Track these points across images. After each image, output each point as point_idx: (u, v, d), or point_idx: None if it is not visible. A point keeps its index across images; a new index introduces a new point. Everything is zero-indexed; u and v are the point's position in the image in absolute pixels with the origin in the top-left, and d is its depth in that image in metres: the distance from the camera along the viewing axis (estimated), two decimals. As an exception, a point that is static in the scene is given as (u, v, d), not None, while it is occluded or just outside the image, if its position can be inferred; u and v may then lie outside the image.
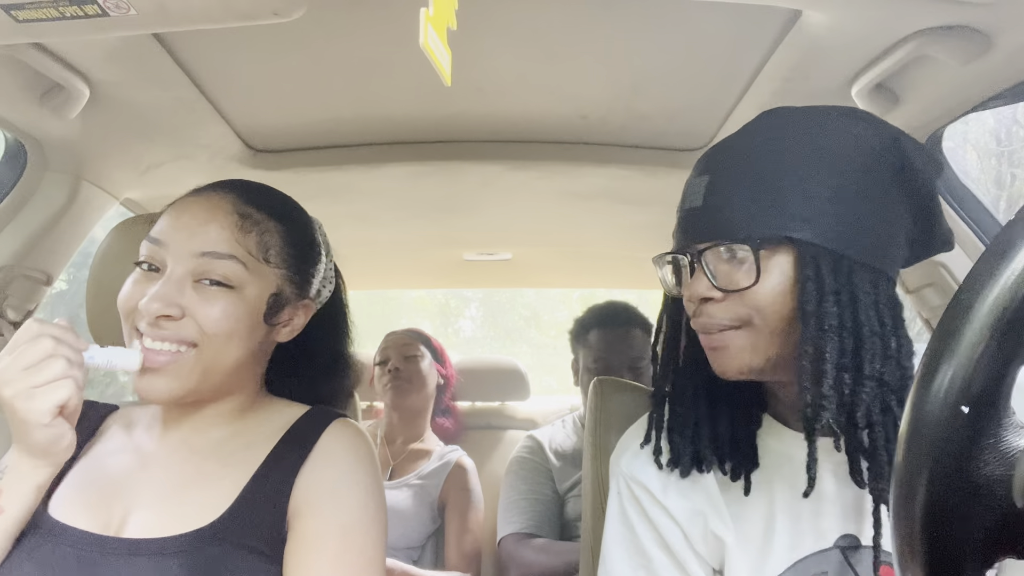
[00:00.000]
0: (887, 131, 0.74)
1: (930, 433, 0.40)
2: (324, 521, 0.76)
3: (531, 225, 1.85)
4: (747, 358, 0.74)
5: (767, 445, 0.80)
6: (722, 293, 0.73)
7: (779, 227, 0.70)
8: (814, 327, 0.69)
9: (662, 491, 0.82)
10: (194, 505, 0.76)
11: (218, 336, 0.76)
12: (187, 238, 0.77)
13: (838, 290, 0.70)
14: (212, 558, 0.72)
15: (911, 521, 0.41)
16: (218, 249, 0.77)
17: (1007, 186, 5.29)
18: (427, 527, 1.81)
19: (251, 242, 0.79)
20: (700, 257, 0.74)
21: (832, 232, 0.70)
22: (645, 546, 0.82)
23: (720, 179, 0.74)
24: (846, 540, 0.76)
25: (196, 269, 0.77)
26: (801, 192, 0.71)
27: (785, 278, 0.71)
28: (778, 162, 0.72)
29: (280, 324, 0.85)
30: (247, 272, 0.78)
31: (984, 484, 0.40)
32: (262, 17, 0.75)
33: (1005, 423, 0.40)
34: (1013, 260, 0.39)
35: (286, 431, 0.83)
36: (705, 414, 0.81)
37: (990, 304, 0.39)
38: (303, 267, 0.86)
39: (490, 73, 1.12)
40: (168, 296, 0.74)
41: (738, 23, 0.96)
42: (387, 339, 2.03)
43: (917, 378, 0.42)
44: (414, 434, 1.96)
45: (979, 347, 0.39)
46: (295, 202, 0.91)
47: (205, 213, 0.79)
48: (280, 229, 0.83)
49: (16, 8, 0.71)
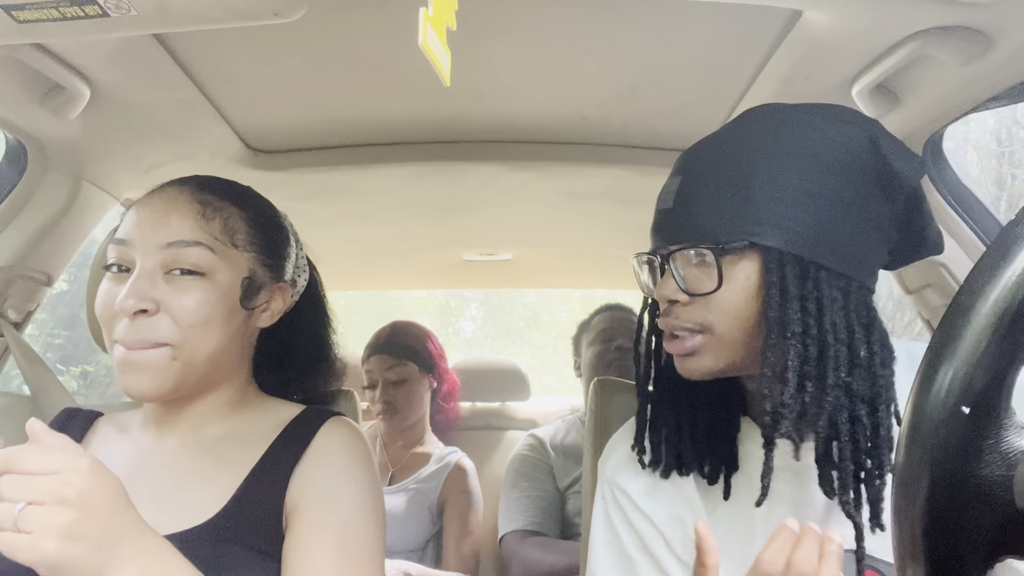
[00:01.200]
0: (865, 132, 0.72)
1: (931, 434, 0.40)
2: (322, 516, 0.76)
3: (531, 225, 1.85)
4: (708, 362, 0.74)
5: (746, 449, 0.80)
6: (688, 296, 0.73)
7: (744, 232, 0.69)
8: (776, 334, 0.69)
9: (642, 496, 0.82)
10: (190, 504, 0.76)
11: (195, 327, 0.76)
12: (151, 232, 0.77)
13: (804, 296, 0.68)
14: (209, 555, 0.72)
15: (912, 522, 0.41)
16: (184, 237, 0.77)
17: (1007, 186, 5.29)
18: (426, 530, 1.81)
19: (216, 227, 0.79)
20: (669, 259, 0.74)
21: (800, 238, 0.69)
22: (628, 550, 0.82)
23: (690, 180, 0.74)
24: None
25: (165, 260, 0.77)
26: (768, 195, 0.69)
27: (750, 283, 0.71)
28: (747, 164, 0.71)
29: (258, 308, 0.84)
30: (216, 257, 0.78)
31: (985, 485, 0.40)
32: (263, 18, 0.75)
33: (1006, 424, 0.40)
34: (1014, 261, 0.39)
35: (282, 429, 0.83)
36: (686, 414, 0.80)
37: (991, 305, 0.39)
38: (273, 249, 0.86)
39: (490, 74, 1.12)
40: (141, 291, 0.74)
41: (738, 23, 0.96)
42: (371, 358, 1.91)
43: (918, 379, 0.42)
44: (413, 439, 1.95)
45: (980, 348, 0.39)
46: (256, 192, 0.90)
47: (165, 205, 0.79)
48: (243, 214, 0.83)
49: (16, 9, 0.71)
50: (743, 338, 0.72)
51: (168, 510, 0.76)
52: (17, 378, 1.34)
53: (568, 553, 1.62)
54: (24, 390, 1.27)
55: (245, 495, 0.77)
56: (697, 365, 0.74)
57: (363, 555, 0.77)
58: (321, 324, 0.97)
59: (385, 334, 1.95)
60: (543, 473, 1.81)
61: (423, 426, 1.98)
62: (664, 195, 0.76)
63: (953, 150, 1.22)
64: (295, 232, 0.94)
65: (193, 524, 0.74)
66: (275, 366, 0.91)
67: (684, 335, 0.74)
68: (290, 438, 0.82)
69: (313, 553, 0.75)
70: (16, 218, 1.23)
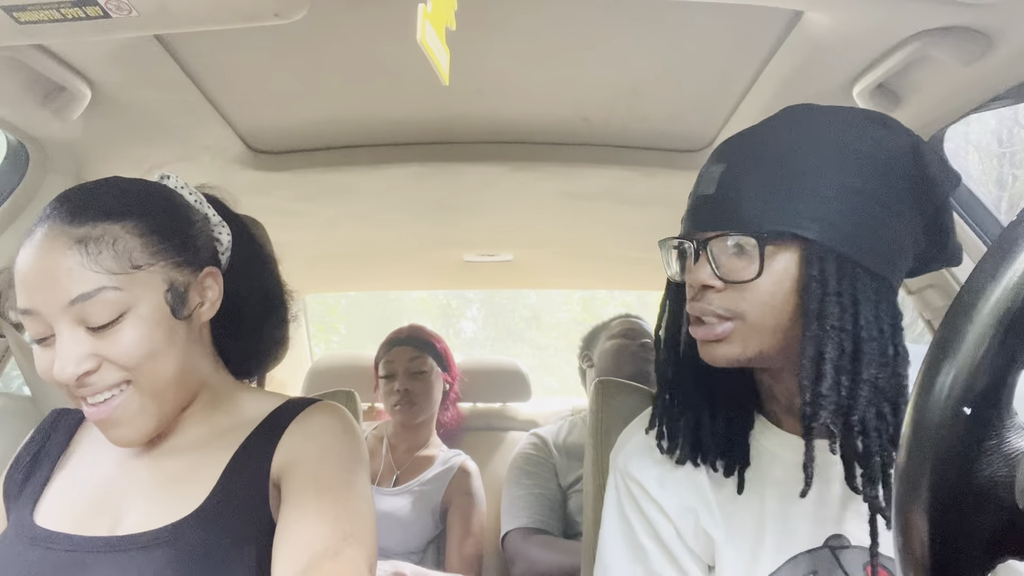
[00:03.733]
0: (908, 139, 0.73)
1: (932, 434, 0.40)
2: (304, 479, 0.76)
3: (532, 226, 1.85)
4: (736, 349, 0.74)
5: (759, 444, 0.81)
6: (723, 283, 0.73)
7: (788, 223, 0.70)
8: (816, 327, 0.69)
9: (655, 487, 0.82)
10: (176, 498, 0.76)
11: (141, 363, 0.73)
12: (47, 295, 0.70)
13: (840, 292, 0.69)
14: (196, 545, 0.72)
15: (913, 522, 0.41)
16: (81, 291, 0.70)
17: (1008, 187, 5.29)
18: (428, 532, 1.81)
19: (107, 261, 0.71)
20: (705, 245, 0.74)
21: (841, 233, 0.69)
22: (641, 540, 0.82)
23: (734, 169, 0.74)
24: (835, 540, 0.76)
25: (76, 317, 0.71)
26: (814, 189, 0.70)
27: (787, 276, 0.71)
28: (794, 157, 0.71)
29: (195, 309, 0.79)
30: (123, 292, 0.72)
31: (987, 485, 0.39)
32: (263, 19, 0.75)
33: (1008, 424, 0.40)
34: (1015, 261, 0.39)
35: (263, 419, 0.83)
36: (705, 403, 0.81)
37: (992, 305, 0.39)
38: (179, 243, 0.77)
39: (491, 74, 1.12)
40: (72, 356, 0.70)
41: (739, 24, 0.96)
42: (392, 349, 1.97)
43: (919, 379, 0.42)
44: (419, 442, 1.96)
45: (981, 348, 0.39)
46: (127, 183, 0.81)
47: (45, 261, 0.71)
48: (128, 225, 0.74)
49: (18, 10, 0.71)
50: (774, 328, 0.72)
51: (157, 505, 0.76)
52: (18, 379, 1.34)
53: (571, 553, 1.61)
54: (25, 391, 1.27)
55: (229, 483, 0.77)
56: (724, 352, 0.74)
57: (349, 514, 0.74)
58: (266, 274, 0.90)
59: (406, 330, 2.03)
60: (546, 471, 1.81)
61: (431, 428, 2.00)
62: (705, 181, 0.76)
63: (954, 151, 1.22)
64: (191, 189, 0.84)
65: (181, 516, 0.74)
66: (238, 346, 0.88)
67: (713, 321, 0.74)
68: (271, 424, 0.82)
69: (297, 514, 0.73)
70: (17, 219, 1.23)
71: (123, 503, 0.77)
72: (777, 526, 0.77)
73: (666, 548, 0.81)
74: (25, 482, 0.82)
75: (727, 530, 0.79)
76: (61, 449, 0.86)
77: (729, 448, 0.80)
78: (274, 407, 0.85)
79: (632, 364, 1.83)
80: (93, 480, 0.81)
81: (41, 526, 0.76)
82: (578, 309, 9.40)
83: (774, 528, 0.77)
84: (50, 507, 0.79)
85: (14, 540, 0.76)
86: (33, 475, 0.83)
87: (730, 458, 0.80)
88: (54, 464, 0.84)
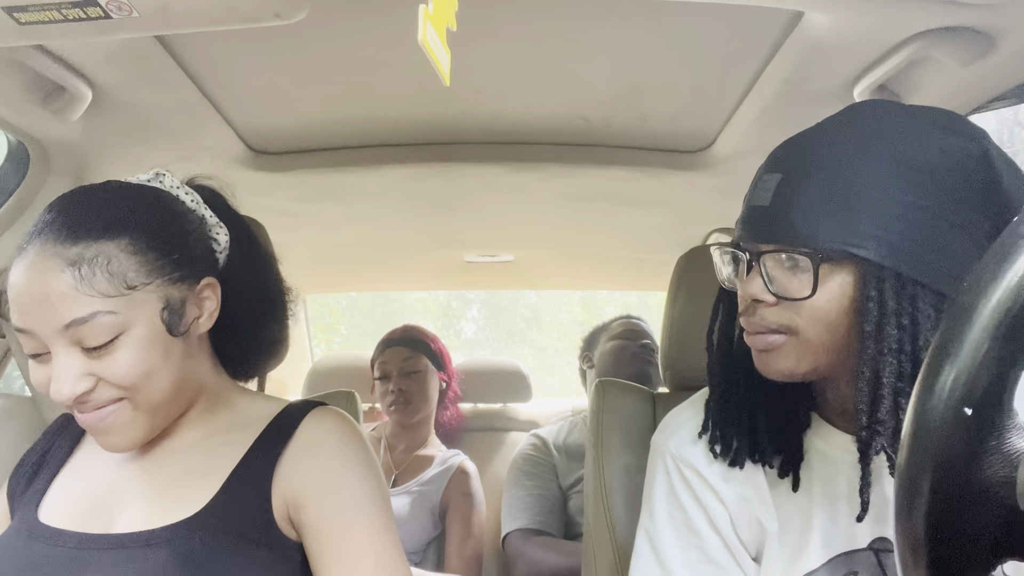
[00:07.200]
0: (979, 146, 0.69)
1: (933, 435, 0.40)
2: (326, 506, 0.76)
3: (533, 227, 1.85)
4: (790, 364, 0.72)
5: (812, 443, 0.80)
6: (775, 298, 0.71)
7: (845, 241, 0.67)
8: (873, 349, 0.67)
9: (712, 474, 0.81)
10: (179, 499, 0.76)
11: (137, 383, 0.72)
12: (42, 319, 0.69)
13: (899, 312, 0.66)
14: (198, 545, 0.72)
15: (914, 523, 0.41)
16: (75, 316, 0.68)
17: (1009, 187, 5.27)
18: (428, 533, 1.81)
19: (101, 284, 0.69)
20: (759, 258, 0.72)
21: (900, 252, 0.66)
22: (697, 525, 0.81)
23: (790, 179, 0.71)
24: (880, 543, 0.76)
25: (72, 338, 0.69)
26: (872, 204, 0.67)
27: (843, 294, 0.69)
28: (852, 168, 0.68)
29: (192, 323, 0.77)
30: (118, 316, 0.70)
31: (987, 486, 0.39)
32: (264, 19, 0.75)
33: (1008, 425, 0.40)
34: (1016, 262, 0.39)
35: (268, 423, 0.83)
36: (760, 406, 0.80)
37: (993, 306, 0.39)
38: (175, 257, 0.75)
39: (491, 75, 1.12)
40: (68, 377, 0.70)
41: (740, 25, 0.96)
42: (386, 350, 1.98)
43: (920, 380, 0.42)
44: (417, 442, 1.96)
45: (982, 349, 0.39)
46: (122, 191, 0.78)
47: (37, 286, 0.69)
48: (122, 243, 0.71)
49: (19, 10, 0.72)
50: (829, 345, 0.71)
51: (159, 505, 0.76)
52: (18, 380, 1.35)
53: (572, 554, 1.61)
54: (25, 392, 1.27)
55: (233, 486, 0.77)
56: (778, 366, 0.73)
57: (386, 528, 0.78)
58: (265, 274, 0.88)
59: (400, 330, 2.03)
60: (546, 472, 1.81)
61: (428, 427, 1.99)
62: (759, 191, 0.73)
63: (955, 151, 1.21)
64: (187, 189, 0.81)
65: (183, 517, 0.74)
66: (237, 347, 0.87)
67: (768, 334, 0.73)
68: (275, 429, 0.82)
69: (349, 541, 0.76)
70: (18, 220, 1.23)
71: (122, 503, 0.78)
72: (823, 524, 0.77)
73: (721, 536, 0.80)
74: (31, 481, 0.83)
75: (777, 523, 0.79)
76: (67, 451, 0.86)
77: (785, 447, 0.79)
78: (275, 412, 0.85)
79: (632, 365, 1.83)
80: (95, 480, 0.81)
81: (44, 523, 0.77)
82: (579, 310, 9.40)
83: (820, 525, 0.77)
84: (53, 505, 0.79)
85: (18, 536, 0.77)
86: (39, 474, 0.84)
87: (786, 457, 0.79)
88: (60, 465, 0.84)
